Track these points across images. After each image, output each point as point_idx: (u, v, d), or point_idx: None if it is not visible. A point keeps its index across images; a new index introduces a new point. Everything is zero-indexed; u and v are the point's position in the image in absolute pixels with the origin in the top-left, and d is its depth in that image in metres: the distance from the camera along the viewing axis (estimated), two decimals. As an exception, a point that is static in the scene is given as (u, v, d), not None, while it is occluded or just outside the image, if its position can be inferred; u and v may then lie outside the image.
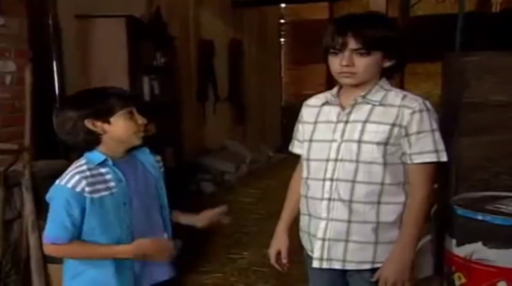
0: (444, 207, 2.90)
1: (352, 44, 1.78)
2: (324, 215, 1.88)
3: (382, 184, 1.82)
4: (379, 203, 1.83)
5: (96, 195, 1.81)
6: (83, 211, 1.80)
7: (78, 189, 1.78)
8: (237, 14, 8.53)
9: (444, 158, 1.82)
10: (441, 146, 1.82)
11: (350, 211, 1.84)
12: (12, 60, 2.99)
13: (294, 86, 11.31)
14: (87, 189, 1.79)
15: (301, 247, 2.10)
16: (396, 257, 1.82)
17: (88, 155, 1.87)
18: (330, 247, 1.88)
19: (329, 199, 1.86)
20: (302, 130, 2.03)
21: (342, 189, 1.84)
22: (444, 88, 3.30)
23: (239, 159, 7.66)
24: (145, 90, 4.70)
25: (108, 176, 1.85)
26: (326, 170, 1.87)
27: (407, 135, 1.80)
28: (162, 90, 5.10)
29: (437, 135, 1.82)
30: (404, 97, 1.84)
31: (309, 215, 1.96)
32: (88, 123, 1.83)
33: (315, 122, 1.95)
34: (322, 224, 1.88)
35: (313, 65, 10.19)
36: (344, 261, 1.87)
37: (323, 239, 1.88)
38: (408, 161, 1.83)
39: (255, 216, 5.46)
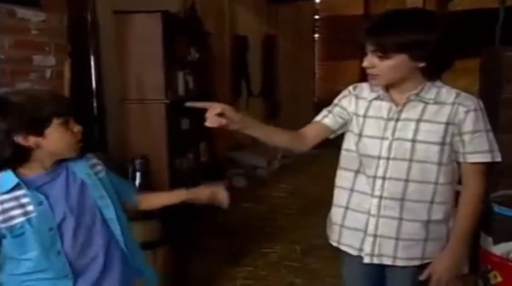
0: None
1: (370, 46, 1.78)
2: (374, 212, 1.88)
3: (436, 183, 1.82)
4: (432, 202, 1.84)
5: (10, 223, 1.56)
6: None
7: None
8: (271, 9, 8.54)
9: (498, 158, 1.82)
10: (495, 146, 1.82)
11: (402, 209, 1.84)
12: (52, 55, 3.06)
13: (327, 81, 11.24)
14: None
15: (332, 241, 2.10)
16: (447, 254, 1.85)
17: None
18: (381, 244, 1.89)
19: (380, 197, 1.87)
20: (348, 117, 1.97)
21: (394, 187, 1.84)
22: (482, 83, 3.25)
23: (271, 154, 7.67)
24: (179, 85, 4.74)
25: (25, 200, 1.58)
26: (377, 167, 1.86)
27: (460, 133, 1.79)
28: (196, 85, 5.14)
29: (491, 135, 1.82)
30: (457, 95, 1.82)
31: (347, 208, 1.96)
32: (18, 138, 1.55)
33: (365, 116, 1.93)
34: (372, 220, 1.89)
35: (347, 61, 10.13)
36: (394, 257, 1.89)
37: (374, 236, 1.90)
38: (461, 160, 1.83)
39: (287, 211, 5.46)
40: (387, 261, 1.90)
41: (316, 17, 10.76)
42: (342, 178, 2.00)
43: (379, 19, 1.80)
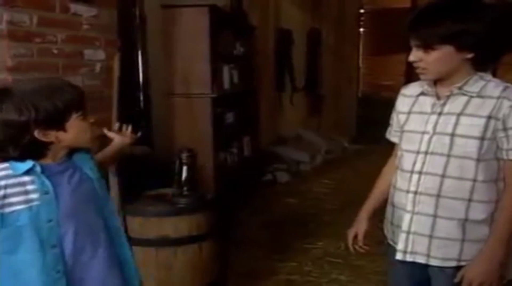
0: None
1: (414, 40, 1.75)
2: (409, 208, 1.85)
3: (475, 180, 1.75)
4: (470, 200, 1.76)
5: (7, 210, 1.50)
6: None
7: None
8: (316, 3, 8.47)
9: None
10: None
11: (437, 206, 1.79)
12: (102, 49, 3.11)
13: (372, 76, 11.10)
14: None
15: (384, 237, 2.08)
16: (484, 257, 1.75)
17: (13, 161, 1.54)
18: (415, 241, 1.85)
19: (415, 192, 1.83)
20: (396, 119, 2.00)
21: (430, 183, 1.80)
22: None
23: (314, 149, 7.63)
24: (224, 79, 4.76)
25: (31, 186, 1.52)
26: (415, 162, 1.83)
27: (504, 129, 1.71)
28: (241, 79, 5.16)
29: None
30: (505, 89, 1.74)
31: (393, 205, 1.95)
32: (38, 134, 1.51)
33: (409, 112, 1.91)
34: (407, 216, 1.86)
35: (392, 55, 9.96)
36: (428, 256, 1.84)
37: (408, 232, 1.86)
38: (504, 157, 1.75)
39: (330, 207, 5.43)
40: (420, 259, 1.85)
41: (362, 10, 10.61)
42: (394, 175, 1.99)
43: (420, 12, 1.77)
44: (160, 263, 2.88)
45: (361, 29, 10.76)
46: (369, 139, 6.78)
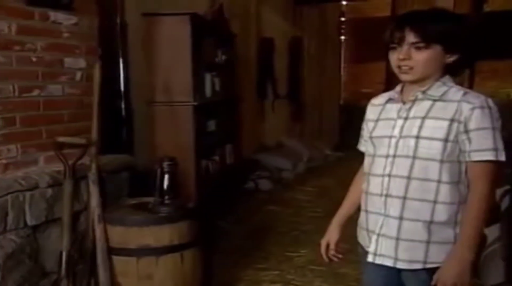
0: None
1: (410, 37, 1.79)
2: (382, 211, 1.89)
3: (439, 181, 1.79)
4: (435, 202, 1.80)
5: None
6: None
7: None
8: (297, 11, 8.51)
9: (502, 157, 1.77)
10: (500, 144, 1.77)
11: (403, 208, 1.83)
12: (83, 57, 3.09)
13: (353, 84, 11.19)
14: None
15: (358, 245, 2.08)
16: (454, 259, 1.77)
17: None
18: (383, 243, 1.89)
19: (386, 195, 1.87)
20: (366, 128, 2.05)
21: (397, 185, 1.84)
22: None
23: (296, 157, 7.65)
24: (206, 87, 4.75)
25: None
26: (385, 166, 1.88)
27: (466, 131, 1.77)
28: (223, 87, 5.15)
29: (497, 133, 1.78)
30: (465, 94, 1.81)
31: (367, 211, 1.97)
32: None
33: (377, 120, 1.97)
34: (380, 219, 1.89)
35: (373, 63, 10.06)
36: (395, 259, 1.86)
37: (378, 234, 1.90)
38: (467, 159, 1.79)
39: (312, 214, 5.44)
40: (388, 262, 1.88)
41: (342, 19, 10.69)
42: (364, 181, 2.03)
43: (412, 13, 1.86)
44: (141, 273, 2.85)
45: (342, 38, 10.85)
46: (351, 146, 6.78)
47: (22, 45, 2.68)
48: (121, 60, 4.15)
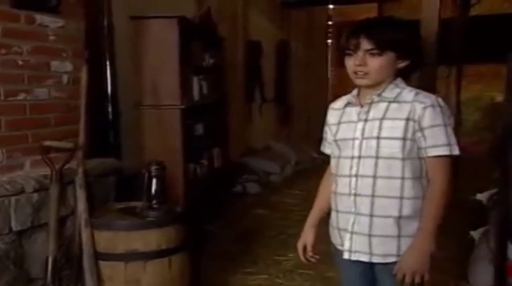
0: (506, 214, 2.80)
1: (365, 44, 1.89)
2: (352, 209, 1.96)
3: (403, 178, 1.89)
4: (401, 198, 1.90)
5: None
6: None
7: None
8: (285, 15, 8.53)
9: (456, 151, 1.88)
10: (453, 139, 1.89)
11: (372, 205, 1.92)
12: (69, 61, 3.06)
13: (340, 87, 11.20)
14: None
15: (331, 245, 2.14)
16: (414, 250, 1.88)
17: None
18: (357, 240, 1.97)
19: (355, 195, 1.95)
20: (329, 131, 2.14)
21: (365, 184, 1.93)
22: (509, 89, 3.19)
23: (284, 160, 7.65)
24: (194, 90, 4.74)
25: None
26: (351, 167, 1.96)
27: (421, 129, 1.87)
28: (211, 90, 5.14)
29: (450, 129, 1.89)
30: (417, 94, 1.92)
31: (337, 210, 2.05)
32: None
33: (339, 123, 2.06)
34: (351, 218, 1.97)
35: (360, 66, 10.08)
36: (370, 254, 1.95)
37: (351, 232, 1.98)
38: (424, 155, 1.90)
39: (300, 218, 5.37)
40: (363, 258, 1.97)
41: (330, 22, 10.73)
42: (332, 182, 2.11)
43: (367, 22, 2.00)
44: (128, 278, 2.82)
45: (329, 41, 10.88)
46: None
47: (8, 48, 2.65)
48: (108, 63, 4.13)
